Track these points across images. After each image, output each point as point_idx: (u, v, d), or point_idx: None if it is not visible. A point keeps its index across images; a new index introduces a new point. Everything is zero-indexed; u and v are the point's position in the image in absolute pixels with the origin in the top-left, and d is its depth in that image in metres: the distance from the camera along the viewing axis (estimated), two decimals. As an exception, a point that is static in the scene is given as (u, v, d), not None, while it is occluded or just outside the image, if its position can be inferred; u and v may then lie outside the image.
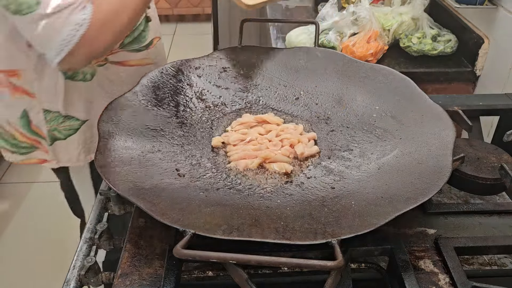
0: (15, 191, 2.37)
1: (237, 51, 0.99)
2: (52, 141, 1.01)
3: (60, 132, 1.01)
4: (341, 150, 0.80)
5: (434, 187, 0.63)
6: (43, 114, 0.98)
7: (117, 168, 0.68)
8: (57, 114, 0.98)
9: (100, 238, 0.74)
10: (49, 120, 0.98)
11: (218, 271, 0.66)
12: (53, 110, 0.97)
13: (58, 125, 0.99)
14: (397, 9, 1.58)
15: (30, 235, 2.09)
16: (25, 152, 1.05)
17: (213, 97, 0.92)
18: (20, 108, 0.97)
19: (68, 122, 1.00)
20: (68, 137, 1.02)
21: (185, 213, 0.62)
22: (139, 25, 1.01)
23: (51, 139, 1.01)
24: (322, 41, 1.51)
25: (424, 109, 0.80)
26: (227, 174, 0.75)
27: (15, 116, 0.98)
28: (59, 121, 0.99)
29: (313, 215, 0.64)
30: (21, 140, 1.02)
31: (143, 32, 1.03)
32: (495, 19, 1.37)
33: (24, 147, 1.03)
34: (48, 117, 0.98)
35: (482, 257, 0.71)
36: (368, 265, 0.68)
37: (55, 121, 0.99)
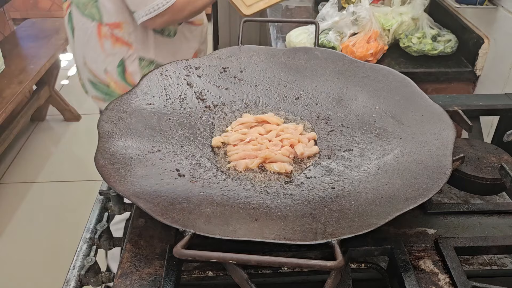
0: (15, 191, 2.37)
1: (237, 51, 0.99)
2: None
3: None
4: (341, 150, 0.80)
5: (434, 187, 0.63)
6: (138, 61, 1.21)
7: (117, 168, 0.68)
8: (149, 62, 1.22)
9: (100, 238, 0.74)
10: (142, 66, 1.21)
11: (218, 271, 0.66)
12: (146, 58, 1.21)
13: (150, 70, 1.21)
14: (397, 9, 1.58)
15: (30, 235, 2.09)
16: None
17: (213, 97, 0.92)
18: (119, 57, 1.19)
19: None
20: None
21: (185, 213, 0.62)
22: None
23: None
24: (322, 41, 1.51)
25: (424, 109, 0.80)
26: (227, 174, 0.75)
27: (114, 64, 1.19)
28: (152, 67, 1.21)
29: (313, 215, 0.64)
30: (114, 90, 1.23)
31: None
32: (495, 19, 1.37)
33: (114, 96, 1.23)
34: (142, 63, 1.21)
35: (482, 257, 0.71)
36: (368, 265, 0.68)
37: (147, 68, 1.22)
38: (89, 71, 1.25)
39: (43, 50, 2.56)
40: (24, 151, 2.65)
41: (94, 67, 1.23)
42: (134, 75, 1.21)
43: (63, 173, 2.49)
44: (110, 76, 1.21)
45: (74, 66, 3.57)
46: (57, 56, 2.63)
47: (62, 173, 2.48)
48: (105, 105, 1.14)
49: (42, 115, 2.90)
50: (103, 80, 1.23)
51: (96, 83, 1.25)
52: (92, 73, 1.25)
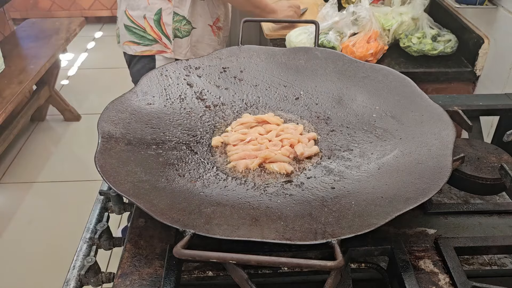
0: (15, 191, 2.37)
1: (237, 51, 0.99)
2: (174, 37, 1.47)
3: (180, 32, 1.47)
4: (341, 150, 0.80)
5: (434, 187, 0.63)
6: (173, 15, 1.43)
7: (117, 168, 0.68)
8: (182, 18, 1.45)
9: (100, 238, 0.74)
10: (175, 20, 1.44)
11: (218, 271, 0.66)
12: (180, 14, 1.44)
13: (180, 26, 1.46)
14: (397, 9, 1.58)
15: (30, 235, 2.09)
16: (148, 44, 1.49)
17: (213, 97, 0.92)
18: (158, 7, 1.43)
19: (187, 26, 1.47)
20: (184, 37, 1.48)
21: (185, 213, 0.62)
22: None
23: (173, 35, 1.47)
24: (322, 41, 1.51)
25: (424, 109, 0.80)
26: (227, 174, 0.75)
27: (152, 12, 1.43)
28: (182, 23, 1.45)
29: (313, 215, 0.64)
30: (150, 33, 1.47)
31: None
32: (495, 19, 1.37)
33: (149, 39, 1.48)
34: (175, 18, 1.44)
35: (482, 257, 0.71)
36: (368, 265, 0.68)
37: (179, 23, 1.45)
38: (128, 17, 1.48)
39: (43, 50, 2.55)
40: (24, 151, 2.65)
41: (135, 14, 1.46)
42: (166, 25, 1.44)
43: (63, 173, 2.49)
44: (147, 22, 1.44)
45: (74, 66, 3.57)
46: (57, 56, 2.63)
47: (62, 173, 2.48)
48: (139, 48, 1.50)
49: (42, 115, 2.90)
50: (141, 24, 1.46)
51: (132, 28, 1.48)
52: (131, 19, 1.47)
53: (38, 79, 2.45)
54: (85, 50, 3.83)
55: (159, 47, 1.49)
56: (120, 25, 1.53)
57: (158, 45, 1.48)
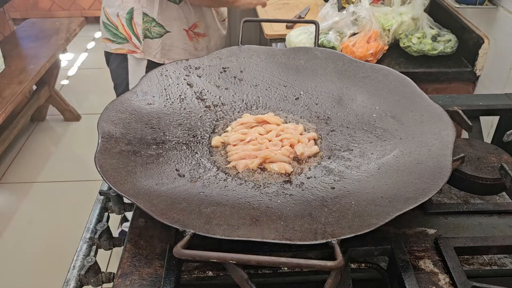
0: (15, 191, 2.37)
1: (237, 51, 0.99)
2: (144, 37, 1.45)
3: (151, 33, 1.44)
4: (341, 150, 0.80)
5: (434, 187, 0.63)
6: (142, 16, 1.41)
7: (117, 168, 0.68)
8: (151, 19, 1.42)
9: (100, 238, 0.74)
10: (145, 21, 1.42)
11: (218, 271, 0.66)
12: (149, 15, 1.41)
13: (150, 27, 1.43)
14: (397, 9, 1.58)
15: (30, 235, 2.09)
16: (120, 42, 1.47)
17: (213, 97, 0.92)
18: (130, 6, 1.41)
19: (157, 28, 1.44)
20: (155, 39, 1.45)
21: (185, 213, 0.62)
22: None
23: (143, 35, 1.44)
24: (322, 41, 1.51)
25: (424, 109, 0.80)
26: (227, 174, 0.75)
27: (125, 11, 1.42)
28: (152, 24, 1.42)
29: (313, 215, 0.64)
30: (121, 32, 1.46)
31: None
32: (495, 19, 1.37)
33: (121, 37, 1.47)
34: (145, 19, 1.42)
35: (482, 257, 0.71)
36: (368, 265, 0.68)
37: (149, 24, 1.43)
38: (105, 14, 1.48)
39: (43, 50, 2.55)
40: (24, 151, 2.65)
41: (110, 11, 1.46)
42: (137, 25, 1.43)
43: (63, 173, 2.49)
44: (120, 20, 1.44)
45: (74, 66, 3.57)
46: (57, 56, 2.62)
47: (62, 173, 2.48)
48: (114, 45, 1.49)
49: (42, 115, 2.90)
50: (114, 22, 1.45)
51: (108, 25, 1.48)
52: (107, 16, 1.47)
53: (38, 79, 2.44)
54: (85, 50, 3.83)
55: (130, 47, 1.47)
56: (100, 22, 1.53)
57: (129, 45, 1.47)
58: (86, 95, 3.17)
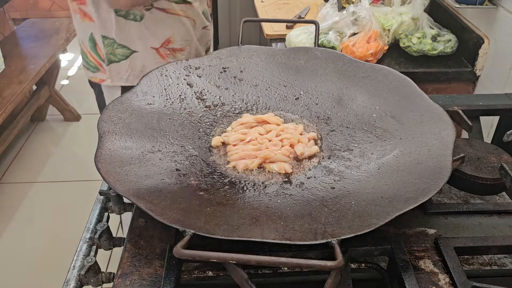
0: (15, 191, 2.37)
1: (237, 51, 0.99)
2: (109, 62, 1.26)
3: (115, 56, 1.25)
4: (341, 150, 0.80)
5: (434, 187, 0.63)
6: (102, 39, 1.23)
7: (117, 168, 0.68)
8: (112, 41, 1.23)
9: (100, 238, 0.74)
10: (106, 45, 1.24)
11: (218, 271, 0.66)
12: (109, 37, 1.22)
13: (113, 50, 1.24)
14: (397, 9, 1.58)
15: (30, 235, 2.09)
16: (93, 71, 1.32)
17: (213, 97, 0.92)
18: (89, 31, 1.23)
19: (121, 49, 1.24)
20: (121, 61, 1.26)
21: (185, 213, 0.62)
22: None
23: (108, 60, 1.26)
24: (322, 41, 1.51)
25: (424, 109, 0.80)
26: (227, 174, 0.75)
27: (86, 37, 1.25)
28: (114, 46, 1.23)
29: (313, 215, 0.64)
30: (90, 60, 1.30)
31: None
32: (495, 19, 1.37)
33: (92, 66, 1.31)
34: (105, 42, 1.23)
35: (482, 257, 0.71)
36: (368, 265, 0.68)
37: (111, 47, 1.24)
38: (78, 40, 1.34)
39: (43, 50, 2.55)
40: (24, 151, 2.65)
41: (78, 37, 1.32)
42: (101, 50, 1.26)
43: (63, 173, 2.49)
44: (85, 47, 1.29)
45: (74, 66, 3.57)
46: (57, 56, 2.63)
47: (62, 173, 2.48)
48: (88, 73, 1.33)
49: (42, 115, 2.90)
50: (82, 49, 1.32)
51: (81, 52, 1.34)
52: (79, 42, 1.33)
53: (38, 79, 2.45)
54: (85, 50, 3.83)
55: (101, 75, 1.30)
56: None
57: (100, 73, 1.30)
58: (86, 95, 3.16)
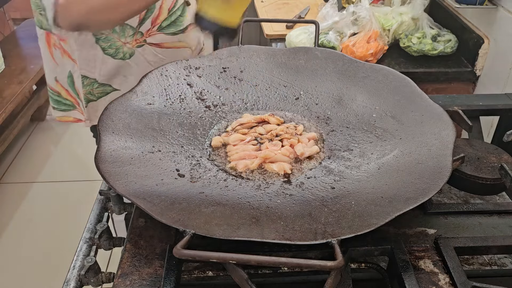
0: (15, 191, 2.37)
1: (237, 51, 0.99)
2: (87, 102, 1.14)
3: (94, 95, 1.13)
4: (341, 150, 0.80)
5: (434, 187, 0.63)
6: (81, 79, 1.10)
7: (117, 168, 0.68)
8: (93, 81, 1.11)
9: (100, 238, 0.74)
10: (85, 84, 1.11)
11: (218, 271, 0.66)
12: (90, 77, 1.10)
13: (92, 89, 1.12)
14: (397, 9, 1.58)
15: (30, 235, 2.09)
16: (65, 109, 1.20)
17: (213, 97, 0.92)
18: (67, 68, 1.12)
19: (102, 88, 1.12)
20: (99, 99, 1.14)
21: (185, 213, 0.62)
22: (176, 10, 1.10)
23: (86, 101, 1.14)
24: (322, 41, 1.51)
25: (424, 109, 0.80)
26: (227, 174, 0.75)
27: (64, 74, 1.13)
28: (94, 86, 1.12)
29: (313, 215, 0.64)
30: (65, 97, 1.17)
31: (180, 17, 1.11)
32: (495, 19, 1.37)
33: (65, 104, 1.18)
34: (85, 82, 1.11)
35: (482, 257, 0.71)
36: (368, 265, 0.68)
37: (90, 86, 1.12)
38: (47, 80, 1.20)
39: (43, 50, 2.55)
40: (24, 151, 2.65)
41: (47, 75, 1.18)
42: (79, 89, 1.13)
43: (63, 173, 2.49)
44: (60, 85, 1.16)
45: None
46: (57, 56, 2.62)
47: (62, 173, 2.48)
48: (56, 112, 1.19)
49: (42, 115, 2.90)
50: (53, 88, 1.18)
51: (49, 91, 1.20)
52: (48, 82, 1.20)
53: (38, 79, 2.45)
54: (85, 50, 3.83)
55: (77, 114, 1.19)
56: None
57: (75, 112, 1.19)
58: (86, 95, 3.17)
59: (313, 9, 1.94)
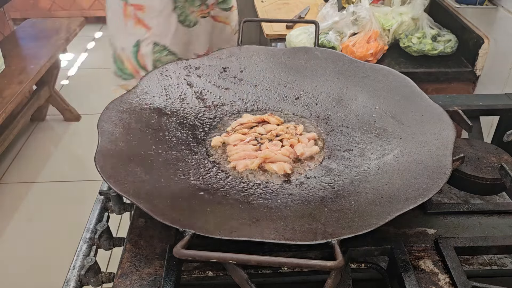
0: (15, 191, 2.36)
1: (237, 51, 0.99)
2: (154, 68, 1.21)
3: (161, 62, 1.27)
4: (341, 150, 0.80)
5: (434, 187, 0.63)
6: (153, 46, 1.26)
7: (117, 168, 0.68)
8: (163, 48, 1.27)
9: (100, 238, 0.74)
10: (155, 51, 1.27)
11: (218, 271, 0.66)
12: (161, 44, 1.27)
13: (161, 57, 1.28)
14: (397, 9, 1.58)
15: (30, 235, 2.08)
16: (126, 78, 1.34)
17: (213, 97, 0.92)
18: (136, 38, 1.27)
19: (169, 56, 1.30)
20: None
21: (185, 213, 0.62)
22: None
23: (153, 67, 1.28)
24: (322, 41, 1.51)
25: (424, 109, 0.80)
26: (227, 174, 0.75)
27: (131, 44, 1.28)
28: (163, 53, 1.27)
29: (313, 215, 0.64)
30: (126, 66, 1.33)
31: None
32: (495, 19, 1.37)
33: (126, 73, 1.34)
34: (156, 49, 1.26)
35: (482, 257, 0.71)
36: (368, 265, 0.68)
37: (159, 54, 1.27)
38: (113, 46, 1.37)
39: (43, 50, 2.55)
40: (24, 151, 2.65)
41: (116, 44, 1.34)
42: (145, 57, 1.28)
43: (63, 173, 2.48)
44: (125, 54, 1.31)
45: (74, 66, 3.57)
46: (57, 56, 2.62)
47: (62, 173, 2.48)
48: (119, 81, 1.36)
49: (42, 115, 2.90)
50: (119, 55, 1.34)
51: (115, 58, 1.37)
52: (114, 48, 1.36)
53: (38, 79, 2.44)
54: (85, 50, 3.83)
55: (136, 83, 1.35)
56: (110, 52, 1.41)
57: (135, 81, 1.30)
58: (86, 95, 3.17)
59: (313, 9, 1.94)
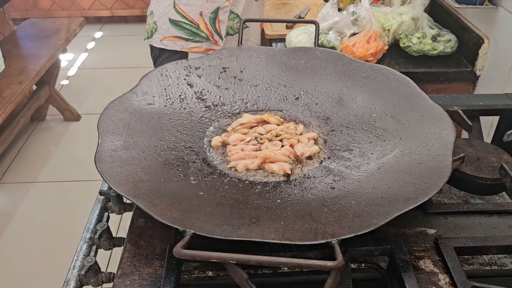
0: (15, 191, 2.37)
1: (237, 51, 0.99)
2: (226, 34, 1.48)
3: (233, 30, 1.48)
4: (341, 150, 0.80)
5: (434, 187, 0.63)
6: (229, 13, 1.45)
7: (117, 168, 0.68)
8: (235, 16, 1.47)
9: (100, 238, 0.74)
10: (230, 18, 1.46)
11: (218, 271, 0.66)
12: (235, 12, 1.46)
13: (233, 24, 1.48)
14: (397, 9, 1.58)
15: (30, 235, 2.09)
16: (199, 40, 1.46)
17: (213, 97, 0.92)
18: (216, 5, 1.43)
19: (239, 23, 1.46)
20: (235, 34, 1.50)
21: (185, 213, 0.62)
22: None
23: (226, 33, 1.47)
24: (322, 41, 1.51)
25: (424, 109, 0.80)
26: (227, 174, 0.75)
27: (210, 10, 1.43)
28: (235, 21, 1.48)
29: (313, 215, 0.64)
30: (202, 30, 1.45)
31: None
32: (495, 19, 1.37)
33: (201, 36, 1.46)
34: (230, 16, 1.46)
35: (482, 257, 0.71)
36: (368, 265, 0.68)
37: (233, 21, 1.47)
38: (178, 12, 1.44)
39: (43, 50, 2.55)
40: (24, 151, 2.65)
41: (189, 9, 1.43)
42: (221, 23, 1.45)
43: (63, 173, 2.49)
44: (203, 19, 1.43)
45: (74, 66, 3.57)
46: (57, 56, 2.62)
47: (62, 173, 2.48)
48: (186, 45, 1.47)
49: (42, 115, 2.90)
50: (195, 20, 1.44)
51: (182, 23, 1.45)
52: (183, 14, 1.44)
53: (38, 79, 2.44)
54: (85, 50, 3.83)
55: (208, 45, 1.48)
56: (163, 19, 1.47)
57: (208, 43, 1.47)
58: (86, 95, 3.18)
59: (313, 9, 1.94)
